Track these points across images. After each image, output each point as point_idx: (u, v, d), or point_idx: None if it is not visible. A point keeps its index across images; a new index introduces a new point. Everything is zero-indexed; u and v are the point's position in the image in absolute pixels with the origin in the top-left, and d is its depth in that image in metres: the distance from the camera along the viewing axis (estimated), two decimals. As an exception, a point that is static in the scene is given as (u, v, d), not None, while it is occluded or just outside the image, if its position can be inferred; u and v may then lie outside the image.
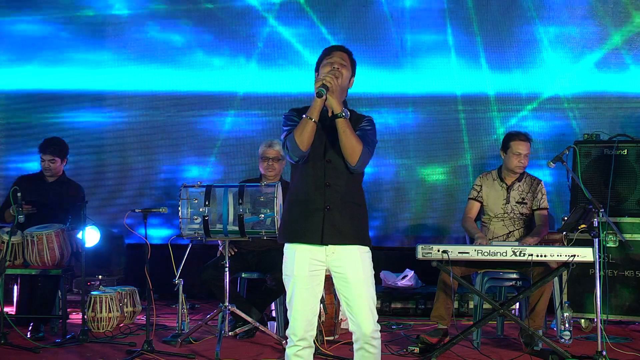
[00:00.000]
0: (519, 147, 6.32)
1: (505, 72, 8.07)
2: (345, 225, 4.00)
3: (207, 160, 8.47)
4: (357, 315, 4.01)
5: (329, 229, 3.99)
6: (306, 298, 4.04)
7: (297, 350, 4.02)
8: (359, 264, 4.02)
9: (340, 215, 4.00)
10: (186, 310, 6.46)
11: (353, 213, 4.04)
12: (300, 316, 4.03)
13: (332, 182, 4.02)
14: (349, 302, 4.02)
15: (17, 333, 6.15)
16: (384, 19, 8.18)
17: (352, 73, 4.13)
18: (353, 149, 3.95)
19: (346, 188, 4.03)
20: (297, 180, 4.11)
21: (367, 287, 4.02)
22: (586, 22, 7.94)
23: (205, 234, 5.85)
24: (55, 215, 6.72)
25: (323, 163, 4.03)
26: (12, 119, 8.64)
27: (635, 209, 6.62)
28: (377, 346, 4.05)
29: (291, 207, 4.11)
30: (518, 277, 6.16)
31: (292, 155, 4.01)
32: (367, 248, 4.08)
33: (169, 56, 8.45)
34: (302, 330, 4.02)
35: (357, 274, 4.00)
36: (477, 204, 6.45)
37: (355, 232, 4.03)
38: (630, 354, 5.83)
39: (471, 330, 5.79)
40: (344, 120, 3.93)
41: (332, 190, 4.01)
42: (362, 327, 4.00)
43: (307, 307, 4.04)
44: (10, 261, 6.37)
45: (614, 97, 7.89)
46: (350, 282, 4.01)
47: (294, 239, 4.06)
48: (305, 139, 3.95)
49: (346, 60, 4.10)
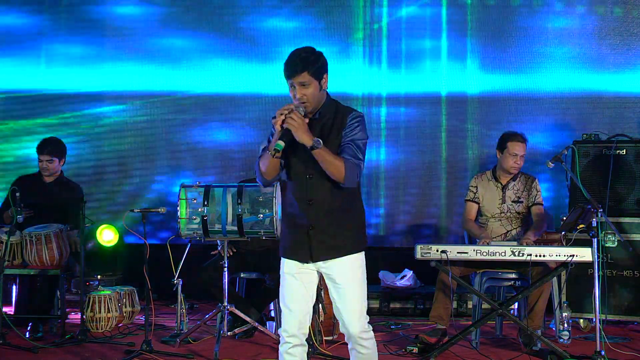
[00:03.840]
0: (515, 148, 6.32)
1: (504, 71, 8.06)
2: (333, 239, 4.00)
3: (206, 160, 8.46)
4: (345, 317, 4.01)
5: (317, 246, 4.00)
6: (296, 295, 4.03)
7: (288, 348, 4.02)
8: (347, 269, 4.01)
9: (327, 230, 3.99)
10: (185, 310, 6.46)
11: (340, 223, 4.01)
12: (289, 313, 4.03)
13: (315, 197, 3.99)
14: (337, 303, 4.04)
15: (16, 333, 6.14)
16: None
17: (320, 77, 3.96)
18: (337, 171, 3.90)
19: (331, 200, 3.99)
20: (285, 194, 4.15)
21: (354, 290, 4.01)
22: (585, 22, 7.94)
23: (204, 234, 5.86)
24: (54, 216, 6.72)
25: (305, 179, 4.01)
26: (10, 119, 8.62)
27: (634, 209, 6.62)
28: (369, 346, 4.04)
29: (283, 221, 4.17)
30: (517, 277, 6.16)
31: (260, 180, 4.07)
32: (357, 255, 4.03)
33: (168, 56, 8.43)
34: (293, 327, 4.02)
35: (344, 278, 4.01)
36: (475, 205, 6.45)
37: (345, 244, 4.01)
38: (628, 353, 5.84)
39: (470, 330, 5.79)
40: (319, 150, 3.86)
41: (316, 207, 3.99)
42: (349, 328, 4.01)
43: (296, 304, 4.03)
44: (9, 261, 6.37)
45: (613, 97, 7.89)
46: (338, 284, 4.01)
47: (285, 254, 4.10)
48: (269, 171, 4.00)
49: (306, 77, 3.92)
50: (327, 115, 4.02)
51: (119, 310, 6.81)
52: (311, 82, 3.94)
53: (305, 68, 3.92)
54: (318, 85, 3.96)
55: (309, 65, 3.93)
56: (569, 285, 6.39)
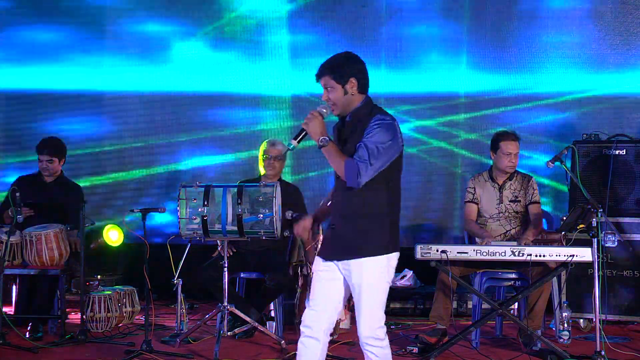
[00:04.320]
0: (508, 147, 6.31)
1: (505, 72, 8.06)
2: (349, 240, 4.04)
3: (205, 160, 8.47)
4: (357, 317, 4.09)
5: (336, 246, 4.09)
6: (316, 290, 4.12)
7: (301, 338, 4.10)
8: (362, 271, 4.01)
9: (344, 231, 4.06)
10: (185, 310, 6.45)
11: (357, 225, 4.02)
12: (308, 305, 4.13)
13: (337, 198, 4.12)
14: (355, 302, 4.10)
15: (16, 333, 6.14)
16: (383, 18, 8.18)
17: (344, 81, 4.04)
18: (339, 170, 3.98)
19: (347, 203, 4.04)
20: None
21: (367, 294, 4.01)
22: (585, 22, 7.94)
23: (204, 234, 5.85)
24: (54, 216, 6.72)
25: (337, 179, 4.12)
26: (9, 120, 8.63)
27: (633, 209, 6.62)
28: (377, 354, 4.02)
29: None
30: (517, 277, 6.16)
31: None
32: (374, 257, 4.01)
33: (168, 55, 8.43)
34: (307, 319, 4.08)
35: (358, 279, 4.02)
36: (475, 206, 6.44)
37: (360, 246, 4.01)
38: (629, 353, 5.84)
39: (470, 330, 5.79)
40: (325, 148, 3.98)
41: (336, 207, 4.12)
42: (359, 329, 4.06)
43: (315, 299, 4.11)
44: (9, 261, 6.36)
45: (613, 97, 7.88)
46: (353, 284, 4.05)
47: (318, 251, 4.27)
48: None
49: (328, 81, 4.04)
50: (358, 118, 4.07)
51: (119, 310, 6.80)
52: (334, 86, 4.05)
53: (326, 72, 4.06)
54: (342, 89, 4.04)
55: (330, 69, 4.05)
56: (569, 285, 6.38)
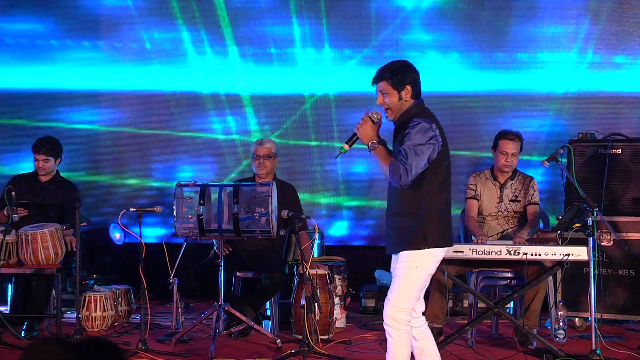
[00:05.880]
0: (505, 146, 6.32)
1: (500, 70, 8.07)
2: (390, 236, 4.43)
3: (202, 160, 8.46)
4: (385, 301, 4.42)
5: (387, 240, 4.49)
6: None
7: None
8: (398, 264, 4.38)
9: (389, 227, 4.43)
10: (181, 309, 6.45)
11: (393, 224, 4.40)
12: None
13: (389, 198, 4.47)
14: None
15: (11, 332, 6.14)
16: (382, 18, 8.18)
17: (400, 87, 4.29)
18: (385, 172, 4.34)
19: (394, 201, 4.40)
20: None
21: (396, 280, 4.36)
22: (581, 21, 7.95)
23: (200, 233, 5.85)
24: (50, 215, 6.72)
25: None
26: (5, 119, 8.61)
27: (629, 208, 6.62)
28: (393, 336, 4.36)
29: None
30: (512, 275, 6.16)
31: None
32: (409, 252, 4.31)
33: (164, 55, 8.42)
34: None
35: (395, 271, 4.39)
36: (476, 203, 6.45)
37: (396, 241, 4.38)
38: (624, 352, 5.85)
39: (466, 329, 5.79)
40: (373, 152, 4.35)
41: (387, 204, 4.48)
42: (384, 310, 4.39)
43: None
44: (5, 260, 6.35)
45: (609, 96, 7.89)
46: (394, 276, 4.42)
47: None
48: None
49: (384, 86, 4.31)
50: (402, 122, 4.34)
51: (114, 309, 6.80)
52: (390, 91, 4.31)
53: (383, 77, 4.32)
54: (398, 95, 4.29)
55: (388, 75, 4.31)
56: (564, 284, 6.39)
